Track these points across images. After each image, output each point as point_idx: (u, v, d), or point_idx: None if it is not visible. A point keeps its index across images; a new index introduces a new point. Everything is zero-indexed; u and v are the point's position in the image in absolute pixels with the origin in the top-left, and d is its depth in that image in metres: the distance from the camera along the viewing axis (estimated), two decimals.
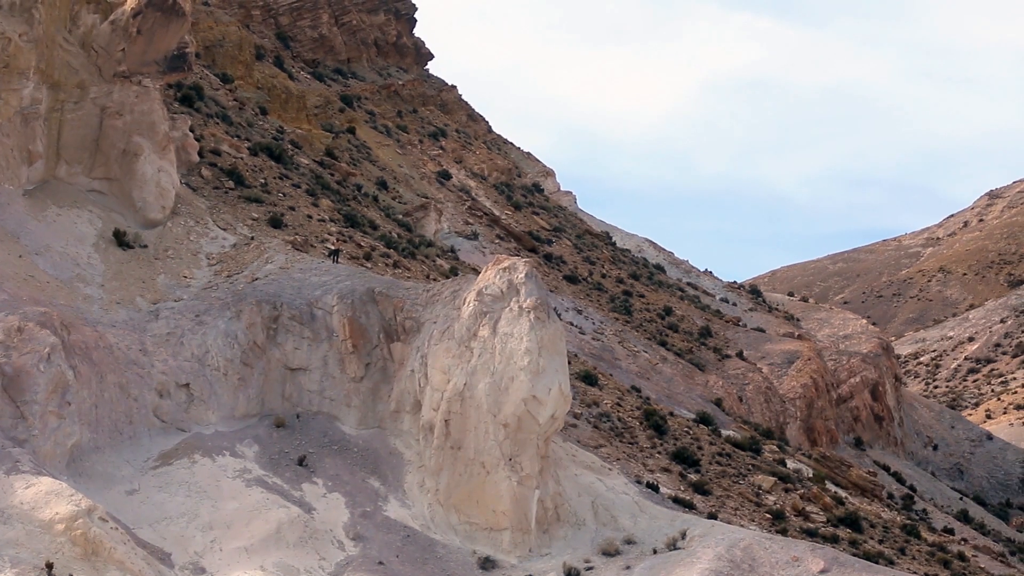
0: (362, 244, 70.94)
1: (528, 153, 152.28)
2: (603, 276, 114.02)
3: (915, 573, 59.33)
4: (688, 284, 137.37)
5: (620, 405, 69.29)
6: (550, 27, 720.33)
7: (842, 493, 76.00)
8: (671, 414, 72.79)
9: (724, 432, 76.31)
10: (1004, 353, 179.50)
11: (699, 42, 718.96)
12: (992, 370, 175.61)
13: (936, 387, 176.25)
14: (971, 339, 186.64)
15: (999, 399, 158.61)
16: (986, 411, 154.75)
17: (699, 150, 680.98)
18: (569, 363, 56.38)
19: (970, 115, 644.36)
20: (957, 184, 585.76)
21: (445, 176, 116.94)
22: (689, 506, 57.45)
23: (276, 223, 67.02)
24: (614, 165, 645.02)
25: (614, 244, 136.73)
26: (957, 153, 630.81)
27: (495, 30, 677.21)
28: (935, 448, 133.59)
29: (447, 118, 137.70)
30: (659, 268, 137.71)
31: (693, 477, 62.91)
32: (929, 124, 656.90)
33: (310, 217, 70.82)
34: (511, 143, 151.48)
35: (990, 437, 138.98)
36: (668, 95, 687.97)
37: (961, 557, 71.88)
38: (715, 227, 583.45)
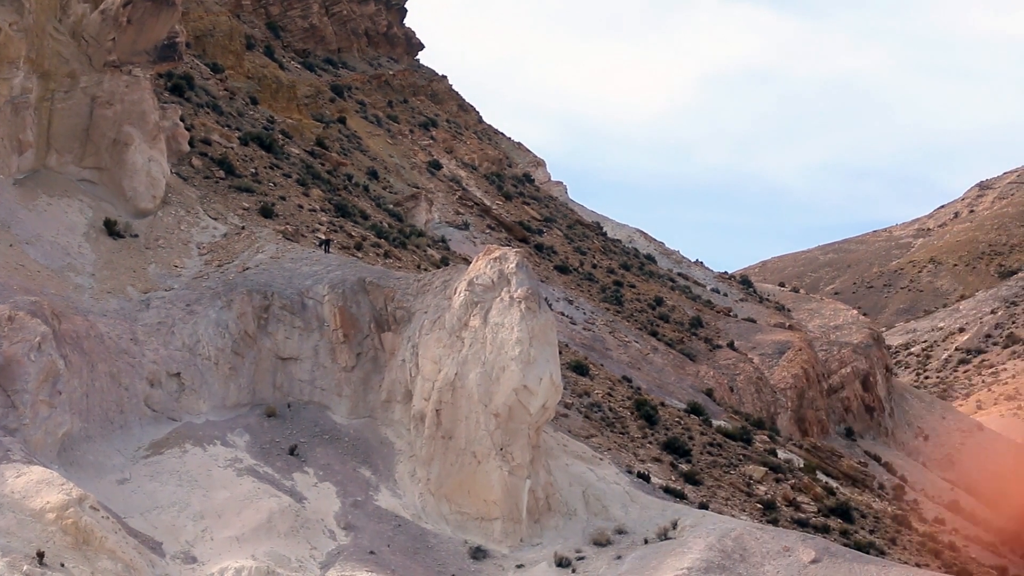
0: (353, 234, 70.87)
1: (519, 143, 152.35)
2: (594, 266, 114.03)
3: (906, 563, 59.35)
4: (679, 275, 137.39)
5: (611, 395, 69.32)
6: (547, 18, 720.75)
7: (833, 483, 76.10)
8: (662, 404, 72.82)
9: (715, 422, 76.34)
10: (995, 344, 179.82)
11: (698, 34, 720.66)
12: (983, 361, 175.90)
13: (927, 378, 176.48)
14: (962, 330, 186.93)
15: (990, 390, 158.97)
16: (977, 402, 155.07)
17: (698, 142, 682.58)
18: (560, 353, 56.36)
19: (967, 107, 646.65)
20: (955, 176, 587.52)
21: (436, 166, 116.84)
22: (680, 496, 57.48)
23: (267, 213, 66.90)
24: (613, 157, 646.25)
25: (605, 234, 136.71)
26: (955, 145, 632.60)
27: (490, 21, 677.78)
28: (926, 438, 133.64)
29: (438, 108, 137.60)
30: (650, 258, 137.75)
31: (684, 467, 62.95)
32: (927, 116, 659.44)
33: (301, 207, 70.70)
34: (502, 133, 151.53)
35: (981, 428, 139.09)
36: (667, 87, 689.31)
37: (952, 547, 72.01)
38: (714, 219, 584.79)
